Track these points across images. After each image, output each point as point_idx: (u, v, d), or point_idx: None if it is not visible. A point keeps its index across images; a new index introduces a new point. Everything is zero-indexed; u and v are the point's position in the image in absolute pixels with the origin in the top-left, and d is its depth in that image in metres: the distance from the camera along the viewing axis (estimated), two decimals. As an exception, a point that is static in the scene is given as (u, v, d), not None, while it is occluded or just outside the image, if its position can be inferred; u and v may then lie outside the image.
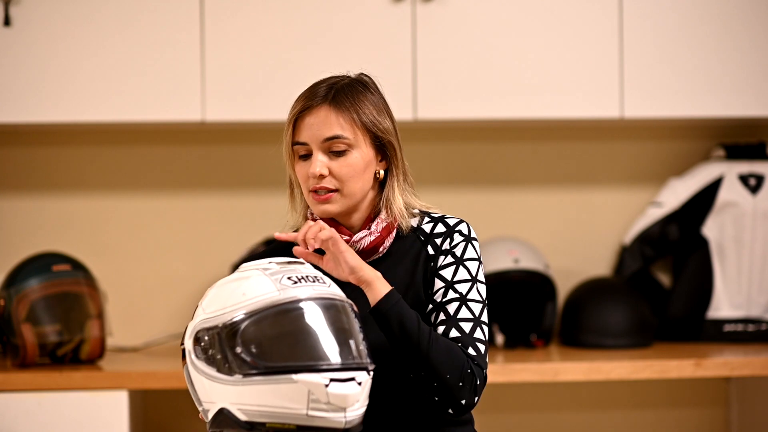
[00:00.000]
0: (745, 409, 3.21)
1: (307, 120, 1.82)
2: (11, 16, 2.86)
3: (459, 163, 3.27)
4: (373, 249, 1.84)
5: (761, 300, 3.13)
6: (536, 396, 3.24)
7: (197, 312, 1.67)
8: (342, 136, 1.81)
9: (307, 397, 1.57)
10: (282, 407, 1.57)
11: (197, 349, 1.64)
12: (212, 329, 1.62)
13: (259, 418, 1.59)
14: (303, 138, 1.82)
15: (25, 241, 3.13)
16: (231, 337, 1.59)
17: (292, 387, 1.57)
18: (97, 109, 2.90)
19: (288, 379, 1.57)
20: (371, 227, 1.83)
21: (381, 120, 1.84)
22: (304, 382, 1.57)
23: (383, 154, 1.86)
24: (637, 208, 3.30)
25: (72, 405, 2.66)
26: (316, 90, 1.84)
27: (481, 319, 1.80)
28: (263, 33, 2.92)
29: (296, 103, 1.85)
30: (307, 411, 1.57)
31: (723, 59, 2.98)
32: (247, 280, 1.64)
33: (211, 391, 1.62)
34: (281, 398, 1.57)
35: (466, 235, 1.85)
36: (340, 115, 1.81)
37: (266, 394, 1.58)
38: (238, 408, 1.59)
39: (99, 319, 2.82)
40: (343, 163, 1.81)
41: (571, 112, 2.98)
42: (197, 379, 1.65)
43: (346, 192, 1.82)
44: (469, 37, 2.94)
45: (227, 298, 1.63)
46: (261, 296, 1.61)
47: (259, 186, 3.22)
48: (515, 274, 3.03)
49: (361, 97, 1.83)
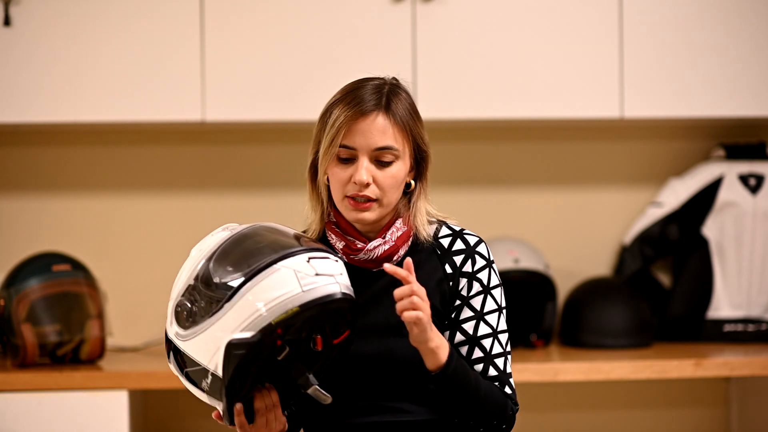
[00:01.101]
0: (745, 409, 3.21)
1: (361, 125, 1.77)
2: (11, 16, 2.86)
3: (459, 163, 3.27)
4: (387, 258, 1.81)
5: (761, 300, 3.13)
6: (536, 396, 3.24)
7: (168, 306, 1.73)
8: (394, 147, 1.78)
9: (296, 277, 1.63)
10: (277, 298, 1.62)
11: (180, 321, 1.67)
12: (186, 289, 1.68)
13: (262, 323, 1.61)
14: (353, 143, 1.77)
15: (25, 241, 3.13)
16: (206, 277, 1.66)
17: (278, 276, 1.63)
18: (97, 109, 2.90)
19: (272, 270, 1.63)
20: (386, 236, 1.82)
21: (423, 132, 1.84)
22: (287, 265, 1.64)
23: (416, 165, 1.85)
24: (637, 208, 3.30)
25: (72, 405, 2.66)
26: (361, 94, 1.79)
27: (508, 350, 1.83)
28: (263, 33, 2.92)
29: (341, 105, 1.79)
30: (301, 288, 1.62)
31: (722, 59, 2.98)
32: (196, 246, 1.74)
33: (210, 343, 1.63)
34: (273, 290, 1.62)
35: (487, 258, 1.85)
36: (394, 126, 1.78)
37: (259, 295, 1.62)
38: (241, 330, 1.61)
39: (99, 319, 2.82)
40: (388, 174, 1.79)
41: (571, 112, 2.98)
42: (192, 348, 1.66)
43: (386, 202, 1.80)
44: (469, 37, 2.94)
45: (187, 264, 1.72)
46: (215, 241, 1.71)
47: (259, 186, 3.22)
48: (515, 274, 3.03)
49: (409, 108, 1.82)
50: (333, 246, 1.83)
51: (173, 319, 1.69)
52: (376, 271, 1.82)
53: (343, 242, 1.82)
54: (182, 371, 1.70)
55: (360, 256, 1.81)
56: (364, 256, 1.81)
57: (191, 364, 1.67)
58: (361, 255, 1.81)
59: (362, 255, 1.81)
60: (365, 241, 1.82)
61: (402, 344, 1.76)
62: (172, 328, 1.69)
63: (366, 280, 1.81)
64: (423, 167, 1.85)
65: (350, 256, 1.81)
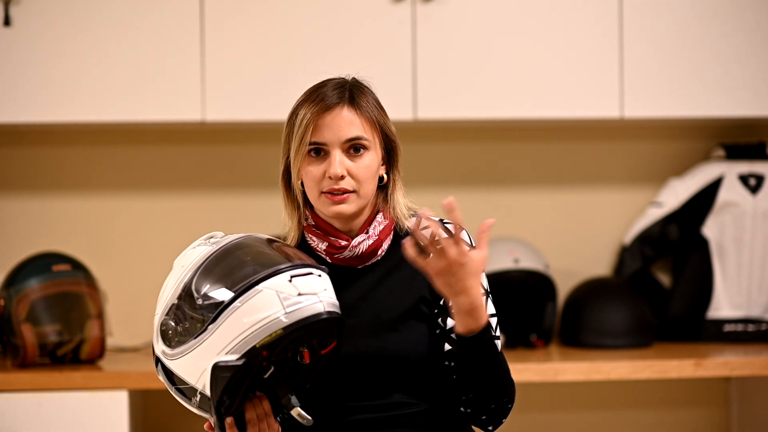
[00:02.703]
0: (745, 409, 3.21)
1: (327, 120, 1.79)
2: (11, 16, 2.86)
3: (459, 163, 3.27)
4: (372, 253, 1.82)
5: (761, 300, 3.13)
6: (536, 396, 3.24)
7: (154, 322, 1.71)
8: (363, 137, 1.80)
9: (278, 298, 1.62)
10: (260, 321, 1.61)
11: (167, 340, 1.67)
12: (171, 308, 1.67)
13: (247, 345, 1.61)
14: (322, 138, 1.79)
15: (25, 241, 3.13)
16: (190, 297, 1.65)
17: (260, 298, 1.62)
18: (97, 109, 2.90)
19: (254, 291, 1.62)
20: (369, 231, 1.82)
21: (390, 124, 1.85)
22: (269, 286, 1.63)
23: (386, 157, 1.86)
24: (637, 208, 3.30)
25: (72, 405, 2.66)
26: (324, 91, 1.81)
27: (497, 334, 1.81)
28: (263, 33, 2.92)
29: (306, 104, 1.81)
30: (284, 309, 1.62)
31: (722, 59, 2.98)
32: (179, 259, 1.73)
33: (197, 363, 1.64)
34: (256, 313, 1.61)
35: (470, 245, 1.82)
36: (361, 116, 1.80)
37: (242, 317, 1.62)
38: (226, 352, 1.61)
39: (99, 319, 2.82)
40: (361, 164, 1.80)
41: (571, 112, 2.98)
42: (179, 367, 1.66)
43: (362, 193, 1.80)
44: (469, 37, 2.94)
45: (169, 280, 1.71)
46: (197, 256, 1.69)
47: (259, 186, 3.22)
48: (515, 274, 3.03)
49: (371, 100, 1.83)
50: (315, 249, 1.83)
51: (159, 337, 1.69)
52: (361, 268, 1.83)
53: (325, 243, 1.82)
54: (172, 385, 1.70)
55: (345, 254, 1.81)
56: (349, 253, 1.81)
57: (180, 382, 1.68)
58: (346, 253, 1.81)
59: (347, 252, 1.81)
60: (348, 239, 1.82)
61: (395, 339, 1.77)
62: (159, 346, 1.70)
63: (352, 278, 1.82)
64: (394, 159, 1.86)
65: (334, 255, 1.81)
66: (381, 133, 1.83)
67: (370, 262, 1.83)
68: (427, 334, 1.81)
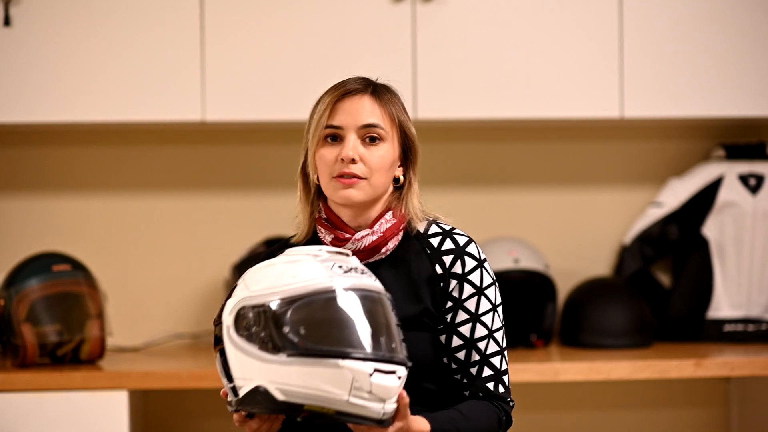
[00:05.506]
0: (745, 409, 3.21)
1: (347, 104, 1.81)
2: (11, 16, 2.86)
3: (459, 163, 3.27)
4: (375, 249, 1.82)
5: (761, 300, 3.13)
6: (536, 396, 3.24)
7: (237, 291, 1.67)
8: (380, 125, 1.81)
9: (351, 384, 1.58)
10: (323, 391, 1.58)
11: (238, 324, 1.63)
12: (258, 307, 1.62)
13: (297, 399, 1.58)
14: (339, 122, 1.81)
15: (25, 241, 3.13)
16: (279, 317, 1.59)
17: (336, 372, 1.57)
18: (98, 109, 2.90)
19: (334, 363, 1.57)
20: (374, 227, 1.82)
21: (411, 126, 1.87)
22: (350, 368, 1.57)
23: (404, 159, 1.87)
24: (637, 208, 3.30)
25: (72, 405, 2.65)
26: (348, 81, 1.84)
27: (504, 346, 1.84)
28: (263, 33, 2.92)
29: (329, 92, 1.83)
30: (348, 397, 1.58)
31: (722, 59, 2.98)
32: (297, 264, 1.65)
33: (247, 368, 1.61)
34: (324, 382, 1.57)
35: (478, 258, 1.84)
36: (381, 107, 1.82)
37: (310, 375, 1.57)
38: (277, 387, 1.59)
39: (99, 319, 2.82)
40: (375, 153, 1.81)
41: (571, 112, 2.98)
42: (233, 354, 1.64)
43: (373, 182, 1.81)
44: (469, 37, 2.94)
45: (276, 279, 1.64)
46: (312, 281, 1.62)
47: (259, 186, 3.22)
48: (515, 274, 3.03)
49: (395, 98, 1.86)
50: (322, 241, 1.84)
51: (234, 316, 1.65)
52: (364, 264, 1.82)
53: (331, 235, 1.83)
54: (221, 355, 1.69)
55: (347, 246, 1.81)
56: (351, 245, 1.81)
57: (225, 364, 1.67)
58: (348, 245, 1.81)
59: (349, 245, 1.81)
60: (353, 232, 1.82)
61: None
62: (230, 318, 1.66)
63: None
64: (411, 161, 1.87)
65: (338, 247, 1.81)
66: (399, 129, 1.85)
67: (373, 259, 1.83)
68: (430, 344, 1.82)
